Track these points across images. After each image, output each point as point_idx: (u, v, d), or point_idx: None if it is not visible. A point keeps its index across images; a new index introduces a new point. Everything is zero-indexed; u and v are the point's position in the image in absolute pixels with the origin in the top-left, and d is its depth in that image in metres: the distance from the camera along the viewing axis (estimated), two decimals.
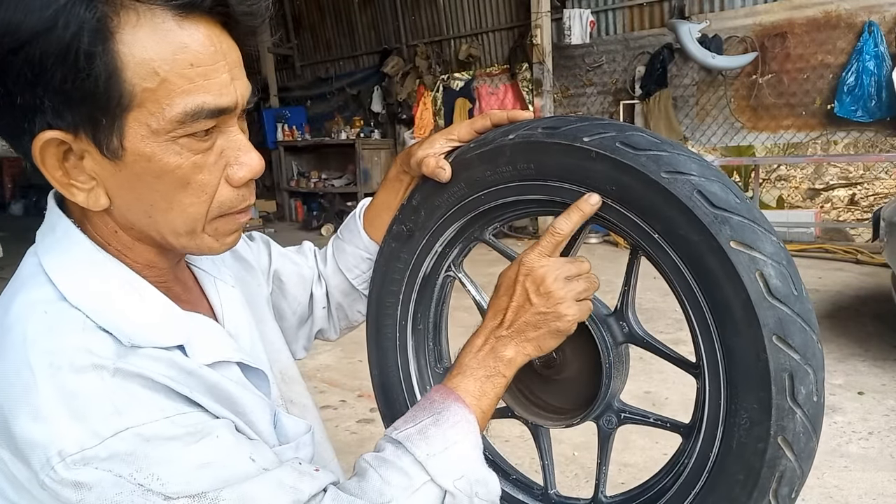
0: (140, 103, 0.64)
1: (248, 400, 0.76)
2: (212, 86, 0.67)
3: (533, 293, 0.81)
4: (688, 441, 0.82)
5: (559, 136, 0.81)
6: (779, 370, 0.69)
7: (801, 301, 0.70)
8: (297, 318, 1.12)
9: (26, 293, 0.70)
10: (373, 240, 1.07)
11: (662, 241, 0.75)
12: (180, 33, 0.64)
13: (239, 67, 0.70)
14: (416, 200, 0.96)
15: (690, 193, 0.72)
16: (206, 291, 0.88)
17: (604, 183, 0.78)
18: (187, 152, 0.68)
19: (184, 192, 0.70)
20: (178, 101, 0.65)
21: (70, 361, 0.63)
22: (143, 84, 0.64)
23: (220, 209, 0.74)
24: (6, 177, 14.37)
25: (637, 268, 0.85)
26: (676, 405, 3.14)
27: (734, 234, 0.70)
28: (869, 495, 2.38)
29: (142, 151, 0.66)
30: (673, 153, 0.74)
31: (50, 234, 0.74)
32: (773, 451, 0.70)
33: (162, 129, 0.66)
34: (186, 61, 0.65)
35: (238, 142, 0.72)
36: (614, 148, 0.76)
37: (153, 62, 0.63)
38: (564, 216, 0.82)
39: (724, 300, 0.71)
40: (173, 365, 0.69)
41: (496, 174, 0.87)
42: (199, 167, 0.69)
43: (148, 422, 0.63)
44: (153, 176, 0.68)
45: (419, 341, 1.03)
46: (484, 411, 0.81)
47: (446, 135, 0.95)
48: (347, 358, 4.02)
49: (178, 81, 0.65)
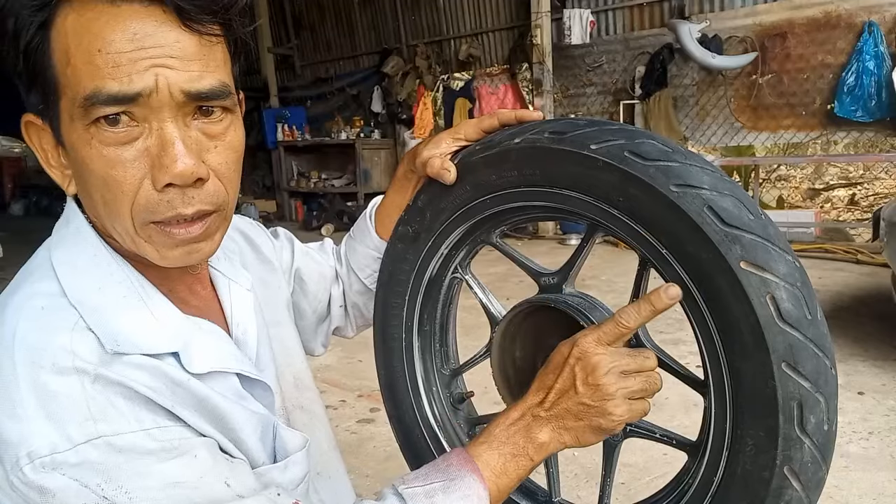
0: (63, 91, 0.66)
1: (237, 416, 0.74)
2: (120, 72, 0.63)
3: (581, 381, 0.74)
4: (693, 459, 0.80)
5: (566, 142, 0.78)
6: (787, 399, 0.66)
7: (815, 325, 0.66)
8: (316, 316, 1.12)
9: (30, 284, 0.70)
10: (384, 240, 1.06)
11: (670, 256, 0.72)
12: (98, 22, 0.63)
13: (177, 57, 0.65)
14: (422, 202, 0.95)
15: (700, 209, 0.68)
16: (219, 294, 0.87)
17: (611, 194, 0.75)
18: (98, 143, 0.65)
19: (105, 188, 0.67)
20: (81, 85, 0.64)
21: (53, 361, 0.63)
22: (62, 70, 0.65)
23: (146, 212, 0.67)
24: (6, 177, 14.35)
25: (646, 280, 0.82)
26: (676, 405, 3.14)
27: (745, 254, 0.66)
28: (869, 495, 2.38)
29: (68, 140, 0.68)
30: (684, 164, 0.71)
31: (63, 228, 0.76)
32: (778, 481, 0.68)
33: (75, 115, 0.65)
34: (95, 47, 0.63)
35: (163, 141, 0.66)
36: (622, 157, 0.73)
37: (69, 48, 0.64)
38: (634, 308, 0.74)
39: (733, 323, 0.68)
40: (160, 375, 0.67)
41: (502, 178, 0.85)
42: (112, 162, 0.65)
43: (123, 432, 0.62)
44: (80, 166, 0.68)
45: (425, 342, 1.03)
46: (500, 490, 0.75)
47: (453, 134, 0.93)
48: (347, 358, 4.02)
49: (84, 67, 0.64)
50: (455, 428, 1.03)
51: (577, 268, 0.88)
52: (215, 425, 0.71)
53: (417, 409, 1.02)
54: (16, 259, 0.83)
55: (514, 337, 0.94)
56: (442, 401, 1.03)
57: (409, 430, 1.03)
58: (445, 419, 1.03)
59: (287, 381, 0.96)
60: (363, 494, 0.87)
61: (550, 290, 0.89)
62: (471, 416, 1.05)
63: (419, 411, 1.02)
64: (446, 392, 1.04)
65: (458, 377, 1.06)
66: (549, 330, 0.89)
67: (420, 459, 1.02)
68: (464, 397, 1.05)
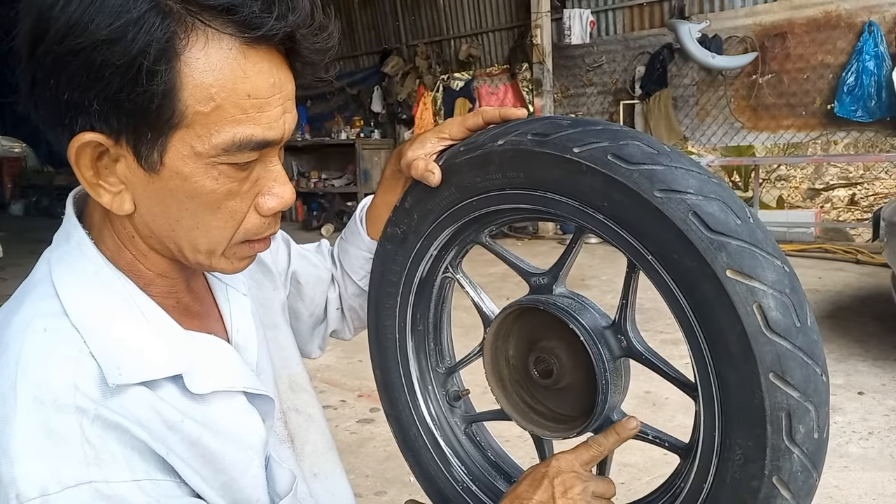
0: (189, 124, 0.64)
1: (229, 457, 0.73)
2: (263, 118, 0.66)
3: (559, 496, 0.79)
4: (685, 463, 0.79)
5: (548, 145, 0.76)
6: (775, 409, 0.64)
7: (805, 332, 0.65)
8: (312, 319, 1.11)
9: (31, 304, 0.69)
10: (375, 240, 1.05)
11: (656, 263, 0.70)
12: (244, 63, 0.63)
13: (291, 100, 0.70)
14: (409, 203, 0.94)
15: (685, 216, 0.66)
16: (217, 300, 0.86)
17: (595, 198, 0.73)
18: (224, 178, 0.67)
19: (212, 215, 0.69)
20: (227, 129, 0.64)
21: (55, 398, 0.62)
22: (196, 106, 0.63)
23: (245, 235, 0.73)
24: (6, 177, 14.35)
25: (636, 282, 0.81)
26: (676, 405, 3.14)
27: (731, 262, 0.64)
28: (869, 495, 2.38)
29: (180, 170, 0.66)
30: (669, 167, 0.69)
31: (64, 244, 0.73)
32: (767, 491, 0.67)
33: (205, 152, 0.65)
34: (244, 92, 0.64)
35: (274, 172, 0.72)
36: (605, 161, 0.71)
37: (211, 87, 0.63)
38: (604, 436, 0.83)
39: (719, 332, 0.66)
40: (156, 415, 0.67)
41: (486, 181, 0.83)
42: (232, 194, 0.69)
43: (113, 480, 0.62)
44: (186, 195, 0.67)
45: (419, 342, 1.02)
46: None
47: (437, 133, 0.92)
48: (347, 358, 4.02)
49: (231, 110, 0.64)
50: (452, 426, 1.03)
51: (566, 268, 0.87)
52: (206, 467, 0.71)
53: (413, 407, 1.02)
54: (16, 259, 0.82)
55: (506, 336, 0.94)
56: (438, 399, 1.03)
57: (407, 429, 1.03)
58: (442, 417, 1.03)
59: (283, 384, 0.95)
60: (363, 494, 0.87)
61: (541, 291, 0.89)
62: (468, 414, 1.05)
63: (415, 410, 1.02)
64: (442, 390, 1.04)
65: (453, 375, 1.05)
66: (541, 329, 0.89)
67: (418, 458, 1.03)
68: (460, 395, 1.05)
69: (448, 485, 1.01)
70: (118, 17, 0.59)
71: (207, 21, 0.62)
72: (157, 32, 0.60)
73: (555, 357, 0.88)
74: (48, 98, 0.63)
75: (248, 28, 0.62)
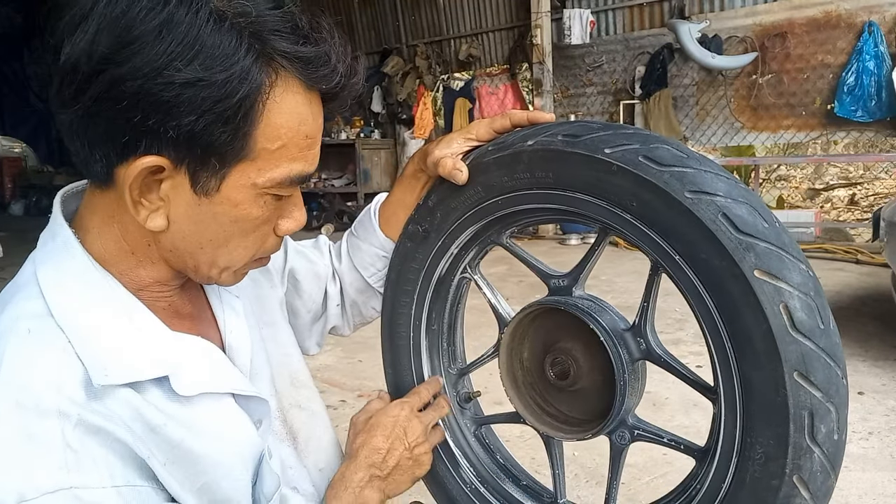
0: (254, 158, 0.69)
1: (213, 457, 0.74)
2: (311, 156, 0.73)
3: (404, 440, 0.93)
4: (701, 465, 0.80)
5: (579, 145, 0.77)
6: (798, 408, 0.66)
7: (828, 335, 0.66)
8: (311, 315, 1.11)
9: (15, 304, 0.69)
10: (388, 237, 1.05)
11: (683, 263, 0.72)
12: (307, 106, 0.70)
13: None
14: (433, 201, 0.95)
15: (715, 216, 0.68)
16: (210, 301, 0.87)
17: (625, 198, 0.75)
18: (267, 207, 0.73)
19: (245, 237, 0.75)
20: (285, 164, 0.70)
21: (37, 402, 0.62)
22: (265, 143, 0.68)
23: (262, 254, 0.79)
24: (6, 177, 14.32)
25: (657, 285, 0.82)
26: (676, 405, 3.14)
27: (759, 263, 0.66)
28: (869, 495, 2.38)
29: (233, 197, 0.70)
30: (699, 170, 0.71)
31: (50, 242, 0.73)
32: (787, 490, 0.68)
33: (261, 184, 0.70)
34: (304, 133, 0.71)
35: (296, 198, 0.78)
36: (637, 162, 0.73)
37: (281, 128, 0.68)
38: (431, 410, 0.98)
39: (745, 331, 0.68)
40: (139, 418, 0.67)
41: (514, 180, 0.85)
42: (266, 218, 0.75)
43: (92, 486, 0.62)
44: (230, 219, 0.72)
45: (433, 342, 1.03)
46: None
47: (465, 134, 0.93)
48: (347, 358, 4.02)
49: (293, 149, 0.70)
50: (462, 427, 1.03)
51: (587, 270, 0.88)
52: (185, 470, 0.71)
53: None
54: (16, 259, 0.82)
55: (522, 338, 0.94)
56: (449, 400, 1.03)
57: None
58: (452, 418, 1.03)
59: (283, 381, 0.95)
60: None
61: (560, 293, 0.89)
62: (477, 416, 1.06)
63: None
64: (453, 391, 1.04)
65: (465, 377, 1.06)
66: (557, 331, 0.90)
67: None
68: (470, 397, 1.05)
69: (456, 486, 1.01)
70: (224, 70, 0.63)
71: (290, 68, 0.67)
72: (256, 79, 0.65)
73: (572, 359, 0.88)
74: (111, 116, 0.63)
75: (320, 81, 0.70)
